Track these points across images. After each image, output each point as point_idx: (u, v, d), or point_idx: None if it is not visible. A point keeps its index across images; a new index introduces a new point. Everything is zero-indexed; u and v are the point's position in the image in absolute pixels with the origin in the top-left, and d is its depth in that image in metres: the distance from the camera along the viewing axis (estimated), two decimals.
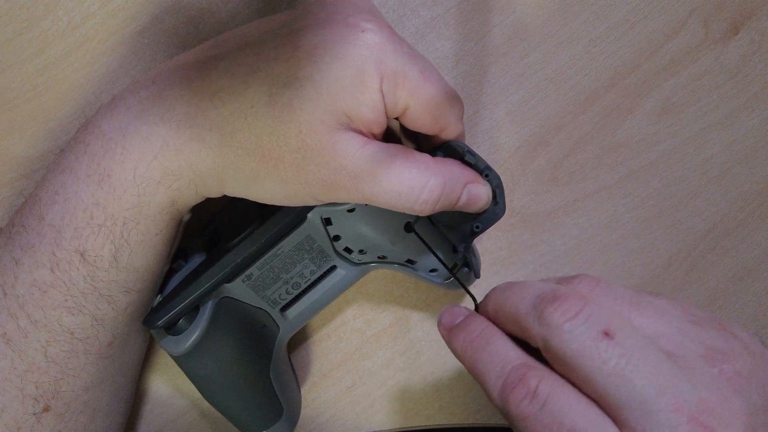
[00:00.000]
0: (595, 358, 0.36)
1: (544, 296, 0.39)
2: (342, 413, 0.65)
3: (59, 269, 0.47)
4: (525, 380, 0.38)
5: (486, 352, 0.41)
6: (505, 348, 0.41)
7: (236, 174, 0.45)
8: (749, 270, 0.66)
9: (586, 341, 0.36)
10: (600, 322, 0.37)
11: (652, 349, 0.36)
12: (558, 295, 0.39)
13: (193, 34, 0.57)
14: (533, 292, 0.41)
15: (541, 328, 0.38)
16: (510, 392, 0.38)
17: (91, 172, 0.46)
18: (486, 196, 0.48)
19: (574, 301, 0.38)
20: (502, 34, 0.61)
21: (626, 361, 0.35)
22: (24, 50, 0.56)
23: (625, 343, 0.36)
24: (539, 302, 0.39)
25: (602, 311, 0.38)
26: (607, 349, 0.36)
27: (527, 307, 0.40)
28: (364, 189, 0.44)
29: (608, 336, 0.36)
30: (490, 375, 0.40)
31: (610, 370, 0.35)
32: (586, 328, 0.37)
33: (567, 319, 0.37)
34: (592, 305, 0.38)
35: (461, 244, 0.51)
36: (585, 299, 0.38)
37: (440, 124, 0.47)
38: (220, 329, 0.52)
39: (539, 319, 0.39)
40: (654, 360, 0.36)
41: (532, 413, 0.37)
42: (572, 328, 0.37)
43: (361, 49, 0.42)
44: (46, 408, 0.49)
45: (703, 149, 0.65)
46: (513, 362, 0.40)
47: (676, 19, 0.63)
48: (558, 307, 0.38)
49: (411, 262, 0.57)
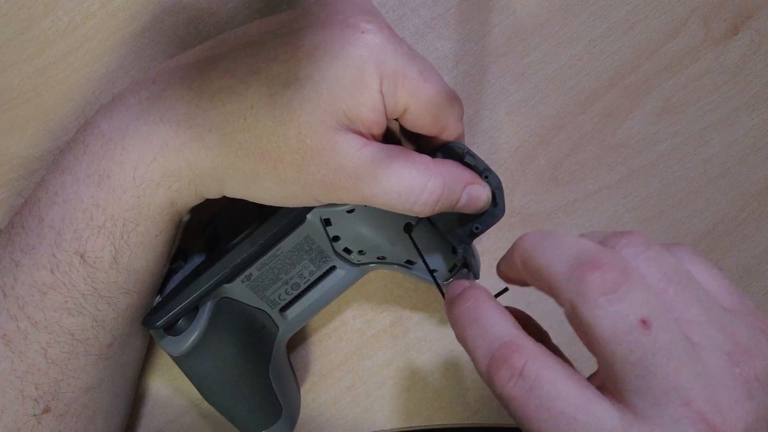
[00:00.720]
0: (625, 345, 0.34)
1: (584, 259, 0.36)
2: (342, 413, 0.65)
3: (59, 271, 0.47)
4: (510, 360, 0.37)
5: (475, 326, 0.40)
6: (494, 322, 0.40)
7: (236, 174, 0.45)
8: (749, 270, 0.66)
9: (620, 325, 0.34)
10: (639, 307, 0.35)
11: (682, 343, 0.35)
12: (600, 262, 0.36)
13: (193, 34, 0.57)
14: (572, 251, 0.37)
15: (575, 295, 0.36)
16: (495, 372, 0.37)
17: (91, 172, 0.46)
18: (485, 197, 0.48)
19: (616, 273, 0.35)
20: (502, 34, 0.61)
21: (653, 355, 0.34)
22: (24, 50, 0.56)
23: (659, 336, 0.34)
24: (578, 265, 0.36)
25: (643, 293, 0.35)
26: (639, 339, 0.34)
27: (562, 267, 0.37)
28: (364, 190, 0.44)
29: (644, 325, 0.34)
30: (477, 351, 0.39)
31: (635, 360, 0.34)
32: (623, 309, 0.34)
33: (605, 292, 0.35)
34: (635, 282, 0.35)
35: (461, 245, 0.51)
36: (628, 274, 0.35)
37: (440, 125, 0.46)
38: (220, 329, 0.52)
39: (574, 284, 0.36)
40: (681, 356, 0.34)
41: (519, 395, 0.36)
42: (609, 305, 0.35)
43: (361, 49, 0.42)
44: (47, 409, 0.49)
45: (703, 149, 0.65)
46: (500, 339, 0.38)
47: (676, 19, 0.63)
48: (598, 278, 0.35)
49: (410, 263, 0.57)
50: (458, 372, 0.65)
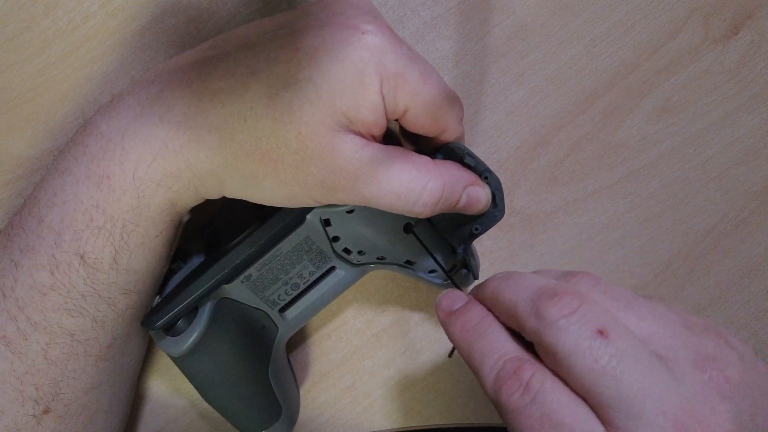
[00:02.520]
0: (587, 356, 0.36)
1: (542, 291, 0.39)
2: (342, 413, 0.65)
3: (59, 271, 0.47)
4: (518, 373, 0.38)
5: (483, 341, 0.42)
6: (501, 339, 0.41)
7: (235, 175, 0.45)
8: (749, 270, 0.66)
9: (580, 339, 0.36)
10: (595, 320, 0.37)
11: (644, 351, 0.36)
12: (556, 291, 0.39)
13: (193, 34, 0.57)
14: (532, 286, 0.41)
15: (537, 323, 0.38)
16: (503, 384, 0.39)
17: (91, 173, 0.46)
18: (485, 198, 0.48)
19: (571, 298, 0.38)
20: (502, 34, 0.61)
21: (617, 361, 0.35)
22: (24, 50, 0.56)
23: (618, 343, 0.36)
24: (537, 297, 0.39)
25: (598, 310, 0.38)
26: (600, 347, 0.36)
27: (524, 301, 0.40)
28: (364, 191, 0.44)
29: (602, 335, 0.36)
30: (484, 365, 0.40)
31: (600, 369, 0.36)
32: (580, 326, 0.37)
33: (562, 315, 0.37)
34: (589, 304, 0.38)
35: (460, 245, 0.51)
36: (582, 297, 0.38)
37: (440, 125, 0.46)
38: (219, 330, 0.52)
39: (535, 313, 0.39)
40: (645, 362, 0.36)
41: (522, 406, 0.37)
42: (567, 324, 0.37)
43: (361, 50, 0.42)
44: (46, 410, 0.49)
45: (703, 149, 0.65)
46: (508, 354, 0.40)
47: (677, 19, 0.63)
48: (555, 304, 0.38)
49: (410, 263, 0.57)
50: (458, 372, 0.65)
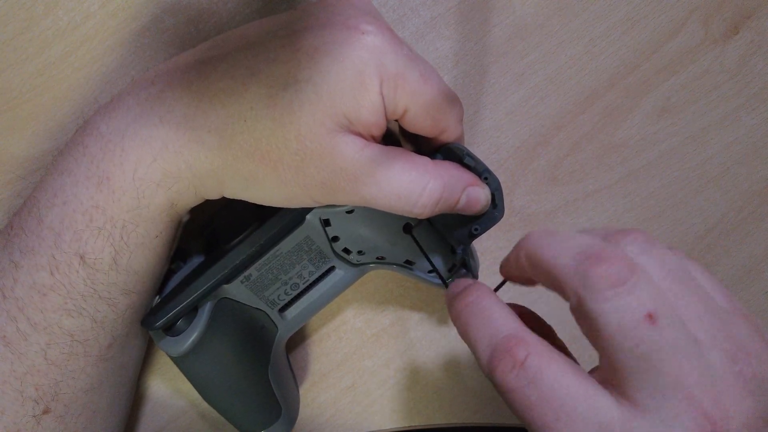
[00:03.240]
0: (631, 338, 0.34)
1: (589, 253, 0.37)
2: (342, 413, 0.65)
3: (59, 272, 0.47)
4: (513, 351, 0.37)
5: (478, 319, 0.40)
6: (497, 316, 0.40)
7: (235, 176, 0.45)
8: (749, 270, 0.66)
9: (627, 319, 0.35)
10: (646, 301, 0.35)
11: (685, 339, 0.35)
12: (606, 256, 0.36)
13: (193, 34, 0.57)
14: (577, 245, 0.38)
15: (581, 286, 0.36)
16: (498, 363, 0.37)
17: (90, 174, 0.46)
18: (485, 199, 0.48)
19: (622, 267, 0.36)
20: (502, 34, 0.61)
21: (658, 350, 0.34)
22: (24, 50, 0.56)
23: (665, 331, 0.34)
24: (584, 259, 0.37)
25: (650, 288, 0.36)
26: (646, 333, 0.34)
27: (568, 261, 0.37)
28: (363, 192, 0.44)
29: (651, 319, 0.34)
30: (479, 343, 0.39)
31: (640, 354, 0.34)
32: (630, 304, 0.35)
33: (611, 285, 0.35)
34: (641, 277, 0.36)
35: (460, 245, 0.51)
36: (633, 268, 0.36)
37: (439, 126, 0.46)
38: (219, 330, 0.52)
39: (580, 275, 0.36)
40: (685, 352, 0.35)
41: (519, 387, 0.36)
42: (616, 298, 0.35)
43: (361, 51, 0.42)
44: (46, 410, 0.49)
45: (702, 149, 0.65)
46: (503, 332, 0.39)
47: (676, 18, 0.63)
48: (605, 270, 0.36)
49: (409, 263, 0.57)
50: (458, 371, 0.65)
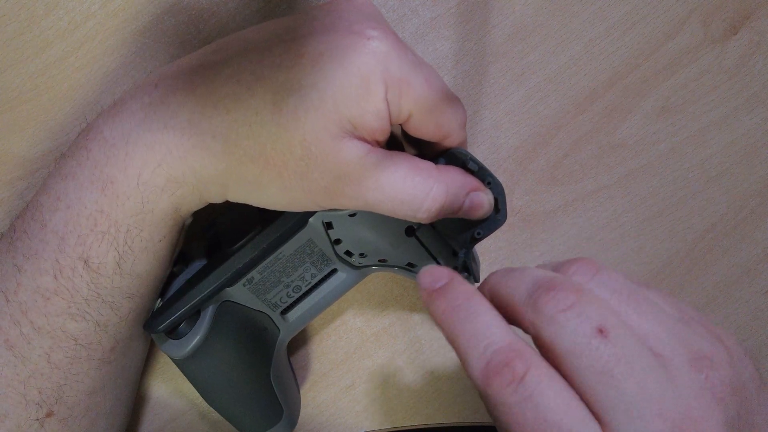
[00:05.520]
0: (586, 355, 0.35)
1: (539, 284, 0.38)
2: (342, 412, 0.65)
3: (63, 276, 0.47)
4: (512, 366, 0.36)
5: (469, 325, 0.38)
6: (491, 323, 0.38)
7: (239, 181, 0.45)
8: (748, 269, 0.67)
9: (579, 336, 0.35)
10: (595, 317, 0.35)
11: (643, 351, 0.35)
12: (553, 284, 0.37)
13: (193, 34, 0.57)
14: (530, 279, 0.39)
15: (534, 317, 0.37)
16: (494, 376, 0.36)
17: (94, 179, 0.46)
18: (488, 204, 0.48)
19: (569, 291, 0.36)
20: (502, 34, 0.61)
21: (616, 361, 0.34)
22: (24, 50, 0.56)
23: (618, 343, 0.35)
24: (534, 290, 0.37)
25: (597, 306, 0.36)
26: (599, 347, 0.34)
27: (522, 295, 0.38)
28: (367, 197, 0.44)
29: (602, 333, 0.35)
30: (472, 352, 0.37)
31: (599, 368, 0.34)
32: (579, 322, 0.35)
33: (560, 310, 0.36)
34: (588, 297, 0.36)
35: (462, 249, 0.51)
36: (580, 291, 0.37)
37: (443, 131, 0.46)
38: (221, 333, 0.52)
39: (532, 307, 0.37)
40: (644, 363, 0.35)
41: (515, 402, 0.35)
42: (566, 320, 0.35)
43: (366, 57, 0.42)
44: (49, 413, 0.49)
45: (702, 149, 0.65)
46: (499, 342, 0.37)
47: (676, 19, 0.63)
48: (552, 297, 0.36)
49: (411, 266, 0.57)
50: (458, 371, 0.65)
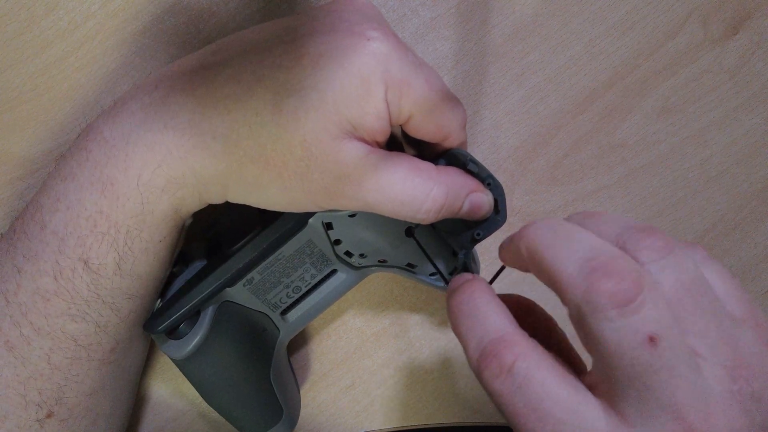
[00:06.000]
0: (628, 359, 0.33)
1: (596, 263, 0.35)
2: (342, 412, 0.65)
3: (62, 277, 0.47)
4: (500, 355, 0.36)
5: (469, 319, 0.39)
6: (489, 316, 0.39)
7: (240, 181, 0.45)
8: (748, 269, 0.67)
9: (628, 340, 0.33)
10: (649, 323, 0.33)
11: (685, 358, 0.34)
12: (613, 269, 0.34)
13: (193, 34, 0.57)
14: (584, 251, 0.36)
15: (583, 302, 0.34)
16: (485, 366, 0.37)
17: (94, 180, 0.46)
18: (488, 205, 0.48)
19: (629, 284, 0.34)
20: (502, 35, 0.61)
21: (655, 372, 0.33)
22: (24, 50, 0.56)
23: (664, 354, 0.33)
24: (590, 270, 0.35)
25: (655, 307, 0.34)
26: (644, 356, 0.33)
27: (573, 269, 0.35)
28: (367, 197, 0.44)
29: (652, 343, 0.33)
30: (469, 345, 0.38)
31: (636, 374, 0.33)
32: (632, 326, 0.33)
33: (616, 305, 0.33)
34: (648, 296, 0.34)
35: (462, 250, 0.51)
36: (642, 285, 0.34)
37: (443, 132, 0.46)
38: (221, 333, 0.52)
39: (585, 291, 0.34)
40: (682, 372, 0.33)
41: (507, 392, 0.36)
42: (618, 319, 0.33)
43: (366, 58, 0.42)
44: (49, 414, 0.49)
45: (702, 149, 0.65)
46: (493, 333, 0.38)
47: (676, 19, 0.63)
48: (610, 288, 0.34)
49: (411, 266, 0.57)
50: (458, 371, 0.65)
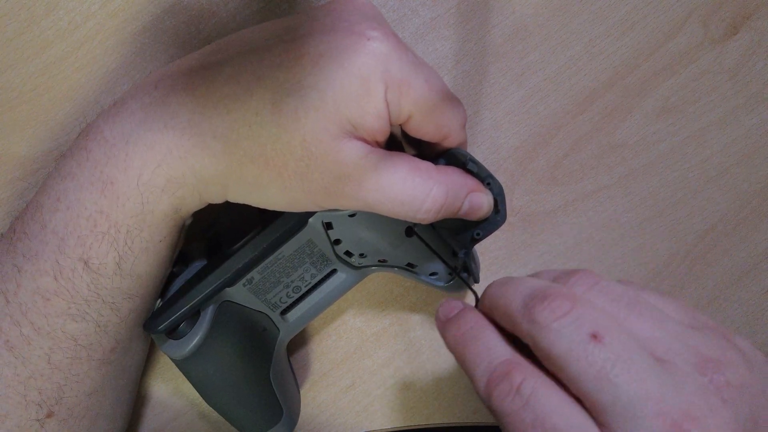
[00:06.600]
0: (581, 360, 0.36)
1: (535, 294, 0.39)
2: (342, 412, 0.65)
3: (63, 277, 0.47)
4: (509, 377, 0.38)
5: (475, 345, 0.41)
6: (493, 343, 0.41)
7: (239, 181, 0.45)
8: (748, 269, 0.67)
9: (573, 342, 0.36)
10: (589, 323, 0.37)
11: (640, 353, 0.36)
12: (548, 293, 0.38)
13: (193, 34, 0.57)
14: (526, 289, 0.40)
15: (530, 327, 0.38)
16: (494, 388, 0.38)
17: (94, 179, 0.46)
18: (487, 204, 0.48)
19: (563, 300, 0.38)
20: (502, 34, 0.61)
21: (612, 364, 0.35)
22: (24, 50, 0.56)
23: (613, 346, 0.36)
24: (530, 300, 0.39)
25: (592, 313, 0.37)
26: (594, 351, 0.36)
27: (518, 305, 0.40)
28: (367, 197, 0.44)
29: (596, 339, 0.36)
30: (477, 369, 0.40)
31: (595, 373, 0.35)
32: (573, 329, 0.36)
33: (555, 318, 0.37)
34: (583, 305, 0.37)
35: (462, 249, 0.51)
36: (575, 299, 0.38)
37: (443, 132, 0.46)
38: (221, 333, 0.52)
39: (528, 317, 0.38)
40: (641, 365, 0.35)
41: (514, 410, 0.37)
42: (560, 327, 0.37)
43: (366, 57, 0.42)
44: (50, 414, 0.49)
45: (702, 149, 0.65)
46: (499, 358, 0.40)
47: (676, 19, 0.63)
48: (546, 306, 0.38)
49: (411, 266, 0.57)
50: (458, 371, 0.65)
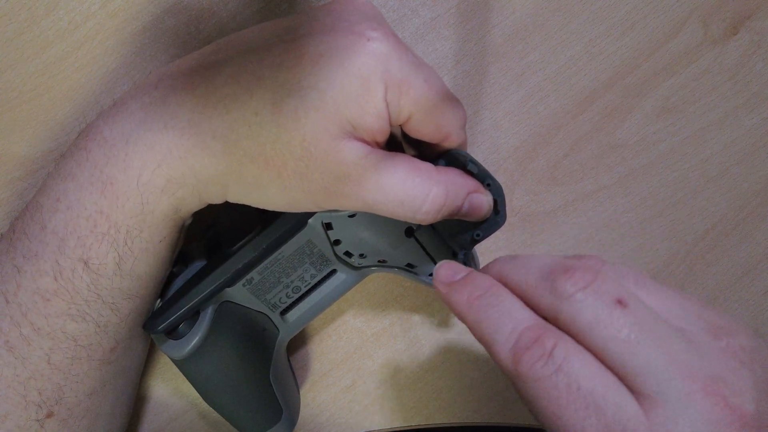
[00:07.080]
0: (609, 326, 0.36)
1: (554, 268, 0.39)
2: (341, 412, 0.65)
3: (62, 277, 0.47)
4: (540, 341, 0.37)
5: (494, 311, 0.40)
6: (515, 308, 0.40)
7: (239, 181, 0.45)
8: (748, 269, 0.67)
9: (600, 310, 0.36)
10: (613, 291, 0.37)
11: (663, 323, 0.37)
12: (569, 266, 0.38)
13: (193, 34, 0.57)
14: (542, 264, 0.40)
15: (553, 299, 0.38)
16: (523, 353, 0.37)
17: (94, 179, 0.46)
18: (487, 205, 0.48)
19: (585, 271, 0.38)
20: (502, 34, 0.61)
21: (639, 329, 0.35)
22: (24, 50, 0.56)
23: (638, 313, 0.36)
24: (550, 273, 0.39)
25: (614, 282, 0.38)
26: (621, 317, 0.36)
27: (536, 278, 0.39)
28: (367, 198, 0.44)
29: (621, 305, 0.36)
30: (499, 335, 0.39)
31: (624, 338, 0.35)
32: (598, 297, 0.37)
33: (579, 288, 0.37)
34: (604, 276, 0.38)
35: (461, 250, 0.51)
36: (596, 270, 0.38)
37: (443, 132, 0.46)
38: (221, 333, 0.52)
39: (551, 289, 0.38)
40: (665, 331, 0.36)
41: (546, 375, 0.36)
42: (585, 297, 0.37)
43: (366, 57, 0.42)
44: (49, 414, 0.49)
45: (702, 149, 0.65)
46: (526, 322, 0.38)
47: (676, 19, 0.63)
48: (570, 277, 0.38)
49: (411, 267, 0.57)
50: (458, 371, 0.65)
